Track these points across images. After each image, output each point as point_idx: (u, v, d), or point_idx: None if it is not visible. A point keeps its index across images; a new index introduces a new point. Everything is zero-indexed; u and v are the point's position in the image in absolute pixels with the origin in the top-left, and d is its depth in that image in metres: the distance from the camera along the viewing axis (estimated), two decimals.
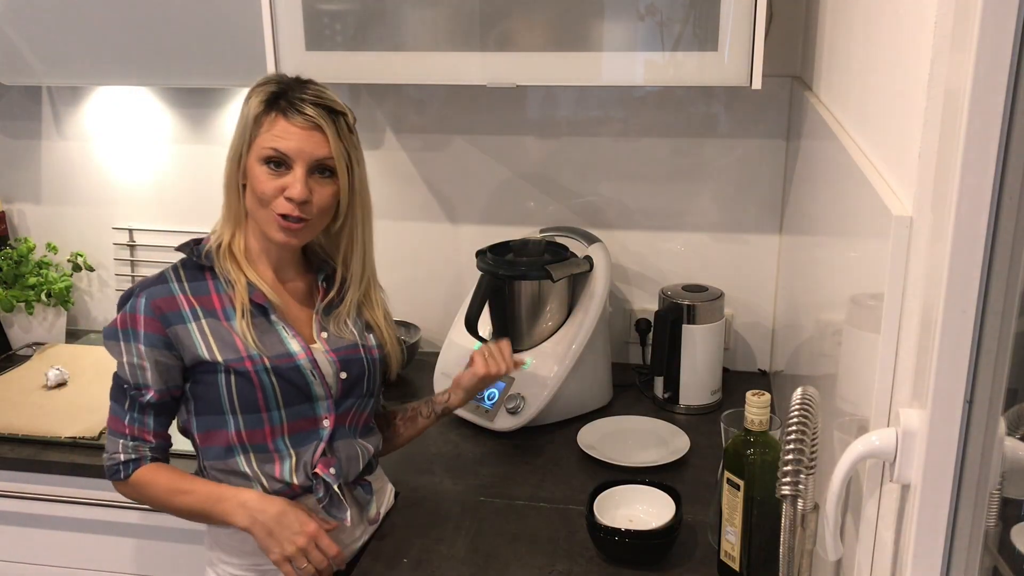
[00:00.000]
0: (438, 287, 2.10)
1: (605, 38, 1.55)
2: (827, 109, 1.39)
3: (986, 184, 0.64)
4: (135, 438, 1.32)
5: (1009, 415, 0.69)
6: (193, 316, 1.31)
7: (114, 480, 1.34)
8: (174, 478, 1.33)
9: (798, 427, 0.88)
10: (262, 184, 1.29)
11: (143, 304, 1.30)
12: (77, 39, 1.87)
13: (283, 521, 1.28)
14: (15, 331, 2.22)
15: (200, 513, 1.32)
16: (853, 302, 1.01)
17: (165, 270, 1.36)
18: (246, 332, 1.31)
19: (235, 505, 1.29)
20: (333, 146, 1.29)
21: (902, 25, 0.88)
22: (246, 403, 1.31)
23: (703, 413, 1.86)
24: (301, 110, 1.28)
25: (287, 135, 1.27)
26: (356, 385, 1.40)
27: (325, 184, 1.31)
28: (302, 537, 1.28)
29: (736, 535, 1.25)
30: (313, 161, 1.29)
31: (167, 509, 1.35)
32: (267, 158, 1.28)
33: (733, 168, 1.95)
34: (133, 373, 1.30)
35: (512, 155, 2.03)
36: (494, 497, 1.55)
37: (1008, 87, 0.62)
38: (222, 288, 1.34)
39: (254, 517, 1.28)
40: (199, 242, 1.38)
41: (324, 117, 1.28)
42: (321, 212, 1.32)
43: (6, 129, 2.25)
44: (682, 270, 2.03)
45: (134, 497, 1.36)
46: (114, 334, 1.32)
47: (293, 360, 1.33)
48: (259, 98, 1.30)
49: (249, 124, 1.30)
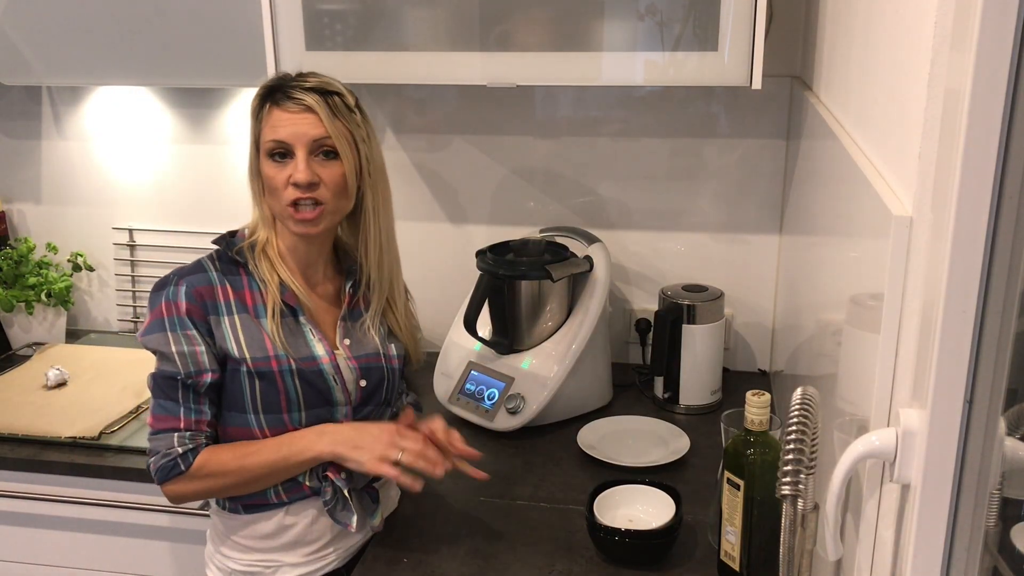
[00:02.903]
0: (438, 287, 2.10)
1: (605, 38, 1.55)
2: (827, 109, 1.39)
3: (986, 184, 0.64)
4: (191, 430, 1.29)
5: (1009, 415, 0.69)
6: (227, 310, 1.31)
7: (172, 478, 1.28)
8: (236, 447, 1.31)
9: (798, 427, 0.88)
10: (272, 178, 1.30)
11: (184, 291, 1.29)
12: (77, 39, 1.87)
13: (362, 432, 1.29)
14: (15, 331, 2.22)
15: (277, 462, 1.29)
16: (853, 302, 1.01)
17: (202, 259, 1.35)
18: (275, 332, 1.31)
19: (313, 436, 1.30)
20: (328, 125, 1.28)
21: (902, 25, 0.88)
22: (268, 403, 1.31)
23: (703, 413, 1.86)
24: (292, 96, 1.29)
25: (282, 123, 1.28)
26: (375, 393, 1.41)
27: (330, 165, 1.30)
28: (386, 435, 1.29)
29: (736, 535, 1.25)
30: (311, 142, 1.28)
31: (239, 480, 1.30)
32: (270, 151, 1.29)
33: (733, 168, 1.95)
34: (185, 361, 1.27)
35: (512, 155, 2.03)
36: (494, 497, 1.55)
37: (1008, 87, 0.62)
38: (255, 285, 1.34)
39: (335, 439, 1.28)
40: (234, 235, 1.38)
41: (315, 98, 1.29)
42: (334, 194, 1.31)
43: (6, 129, 2.25)
44: (682, 270, 2.03)
45: (192, 491, 1.30)
46: (158, 325, 1.29)
47: (317, 364, 1.33)
48: (257, 96, 1.32)
49: (252, 123, 1.32)
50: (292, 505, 1.36)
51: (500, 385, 1.77)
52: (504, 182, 2.05)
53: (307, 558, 1.38)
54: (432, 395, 1.85)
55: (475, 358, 1.83)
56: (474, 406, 1.78)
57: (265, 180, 1.31)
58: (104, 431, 1.77)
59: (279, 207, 1.31)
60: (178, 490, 1.31)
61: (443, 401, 1.83)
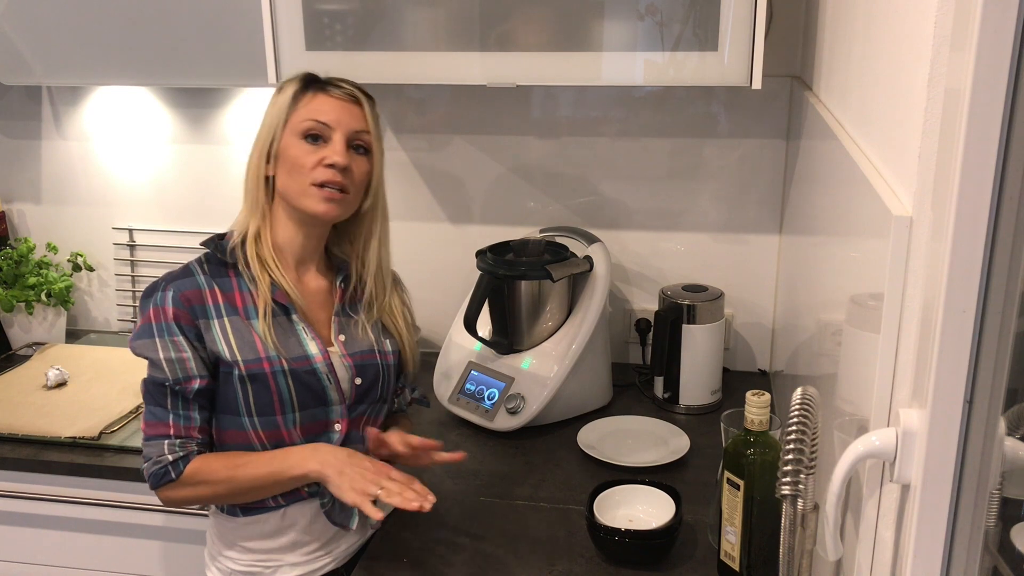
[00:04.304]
0: (438, 287, 2.10)
1: (605, 38, 1.55)
2: (827, 109, 1.39)
3: (986, 184, 0.64)
4: (181, 436, 1.29)
5: (1009, 415, 0.69)
6: (217, 313, 1.30)
7: (163, 485, 1.29)
8: (228, 456, 1.31)
9: (798, 427, 0.88)
10: (299, 157, 1.31)
11: (171, 296, 1.29)
12: (77, 39, 1.87)
13: (353, 460, 1.28)
14: (15, 331, 2.22)
15: (266, 476, 1.28)
16: (853, 302, 1.01)
17: (190, 263, 1.35)
18: (267, 333, 1.31)
19: (307, 453, 1.29)
20: (370, 122, 1.35)
21: (902, 25, 0.88)
22: (261, 405, 1.31)
23: (703, 413, 1.86)
24: (338, 85, 1.35)
25: (327, 107, 1.32)
26: (370, 391, 1.40)
27: (360, 160, 1.35)
28: (371, 472, 1.26)
29: (736, 535, 1.25)
30: (351, 132, 1.33)
31: (229, 490, 1.30)
32: (307, 131, 1.31)
33: (733, 168, 1.95)
34: (173, 368, 1.27)
35: (512, 155, 2.03)
36: (494, 497, 1.55)
37: (1008, 87, 0.62)
38: (245, 286, 1.33)
39: (325, 460, 1.27)
40: (223, 237, 1.38)
41: (360, 94, 1.36)
42: (357, 188, 1.35)
43: (6, 129, 2.25)
44: (682, 270, 2.03)
45: (184, 497, 1.31)
46: (147, 331, 1.29)
47: (310, 363, 1.33)
48: (295, 81, 1.35)
49: (286, 106, 1.33)
50: (290, 507, 1.36)
51: (500, 385, 1.77)
52: (504, 182, 2.05)
53: (307, 558, 1.38)
54: (432, 395, 1.85)
55: (475, 358, 1.83)
56: (474, 406, 1.78)
57: (290, 159, 1.31)
58: (104, 431, 1.77)
59: (299, 186, 1.31)
60: (171, 496, 1.31)
61: (443, 401, 1.83)
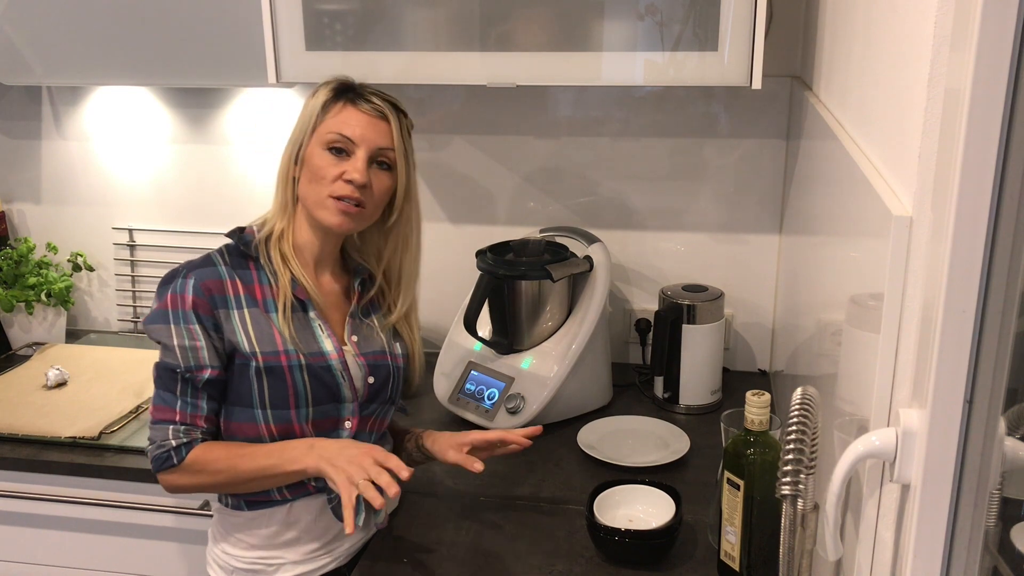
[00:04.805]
0: (438, 287, 2.10)
1: (605, 38, 1.55)
2: (827, 109, 1.39)
3: (986, 184, 0.64)
4: (187, 424, 1.30)
5: (1009, 415, 0.69)
6: (237, 304, 1.31)
7: (165, 469, 1.29)
8: (230, 446, 1.31)
9: (798, 427, 0.88)
10: (322, 167, 1.31)
11: (192, 284, 1.29)
12: (77, 39, 1.87)
13: (344, 449, 1.27)
14: (15, 331, 2.21)
15: (266, 468, 1.28)
16: (853, 302, 1.01)
17: (211, 253, 1.36)
18: (285, 327, 1.32)
19: (304, 448, 1.29)
20: (396, 139, 1.34)
21: (902, 25, 0.88)
22: (275, 399, 1.31)
23: (703, 413, 1.86)
24: (369, 99, 1.34)
25: (355, 120, 1.32)
26: (381, 391, 1.41)
27: (382, 176, 1.35)
28: (359, 457, 1.24)
29: (736, 535, 1.25)
30: (375, 149, 1.33)
31: (229, 479, 1.30)
32: (331, 143, 1.31)
33: (733, 168, 1.95)
34: (186, 355, 1.28)
35: (512, 155, 2.03)
36: (494, 497, 1.55)
37: (1008, 87, 0.62)
38: (265, 279, 1.34)
39: (321, 454, 1.27)
40: (243, 230, 1.39)
41: (390, 109, 1.35)
42: (376, 203, 1.35)
43: (6, 129, 2.25)
44: (682, 270, 2.03)
45: (184, 484, 1.31)
46: (162, 316, 1.29)
47: (325, 359, 1.34)
48: (328, 88, 1.35)
49: (315, 112, 1.34)
50: (296, 502, 1.36)
51: (500, 385, 1.77)
52: (504, 182, 2.05)
53: (308, 556, 1.38)
54: (432, 395, 1.85)
55: (475, 358, 1.83)
56: (474, 406, 1.78)
57: (313, 168, 1.32)
58: (104, 431, 1.77)
59: (316, 196, 1.32)
60: (171, 481, 1.32)
61: (443, 401, 1.83)
